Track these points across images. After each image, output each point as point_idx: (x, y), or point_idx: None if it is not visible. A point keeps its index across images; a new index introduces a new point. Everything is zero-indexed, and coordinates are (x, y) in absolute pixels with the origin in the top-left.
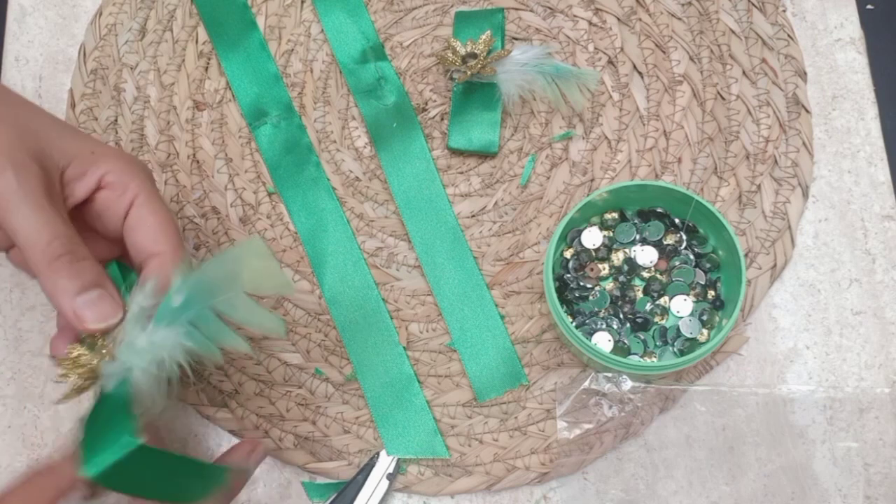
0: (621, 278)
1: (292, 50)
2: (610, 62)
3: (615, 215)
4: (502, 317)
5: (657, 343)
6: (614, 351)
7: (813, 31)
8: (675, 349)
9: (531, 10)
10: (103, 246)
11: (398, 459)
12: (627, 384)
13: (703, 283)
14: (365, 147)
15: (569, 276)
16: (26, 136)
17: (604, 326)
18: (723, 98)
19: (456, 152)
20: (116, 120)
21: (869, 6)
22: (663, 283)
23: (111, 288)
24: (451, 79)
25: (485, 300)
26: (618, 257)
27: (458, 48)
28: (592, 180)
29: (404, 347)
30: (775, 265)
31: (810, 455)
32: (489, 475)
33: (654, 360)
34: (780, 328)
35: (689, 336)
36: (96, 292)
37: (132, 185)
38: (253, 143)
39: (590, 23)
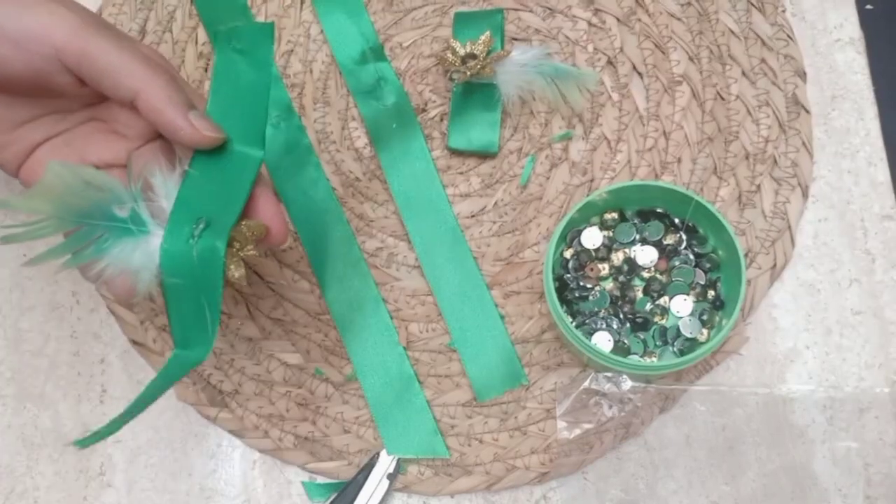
0: (621, 278)
1: (292, 51)
2: (609, 62)
3: (615, 215)
4: (502, 317)
5: (657, 343)
6: (614, 351)
7: (812, 32)
8: (675, 349)
9: (531, 11)
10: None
11: (398, 459)
12: (627, 384)
13: (703, 283)
14: (365, 147)
15: (569, 276)
16: None
17: (604, 326)
18: (722, 98)
19: (456, 152)
20: None
21: (868, 6)
22: (663, 283)
23: (202, 105)
24: (451, 79)
25: (485, 300)
26: (618, 257)
27: (457, 49)
28: (592, 180)
29: (404, 347)
30: (775, 265)
31: (810, 455)
32: (489, 475)
33: (654, 360)
34: (780, 328)
35: (689, 336)
36: (198, 111)
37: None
38: None
39: (589, 23)
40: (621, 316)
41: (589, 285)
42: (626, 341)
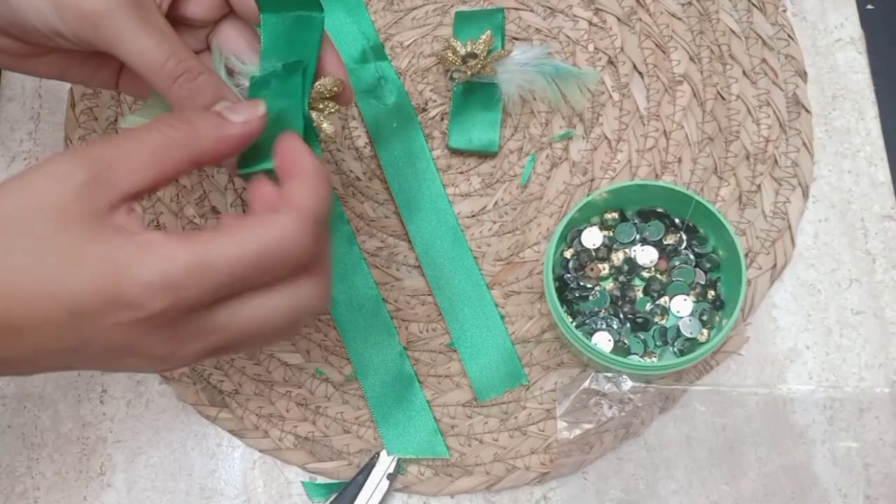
0: (621, 278)
1: None
2: (610, 62)
3: (615, 215)
4: (502, 317)
5: (657, 343)
6: (614, 351)
7: (813, 31)
8: (675, 349)
9: (531, 10)
10: (199, 37)
11: (398, 459)
12: (627, 384)
13: (703, 283)
14: (365, 147)
15: (569, 276)
16: None
17: (604, 326)
18: (723, 98)
19: (456, 152)
20: (116, 119)
21: (869, 6)
22: (663, 283)
23: (231, 94)
24: (452, 79)
25: (485, 300)
26: (618, 257)
27: (458, 48)
28: (592, 180)
29: (404, 347)
30: (775, 265)
31: (810, 455)
32: (489, 475)
33: (654, 360)
34: (780, 328)
35: (689, 336)
36: (221, 106)
37: None
38: None
39: (590, 23)
40: (621, 316)
41: (589, 285)
42: (626, 341)
